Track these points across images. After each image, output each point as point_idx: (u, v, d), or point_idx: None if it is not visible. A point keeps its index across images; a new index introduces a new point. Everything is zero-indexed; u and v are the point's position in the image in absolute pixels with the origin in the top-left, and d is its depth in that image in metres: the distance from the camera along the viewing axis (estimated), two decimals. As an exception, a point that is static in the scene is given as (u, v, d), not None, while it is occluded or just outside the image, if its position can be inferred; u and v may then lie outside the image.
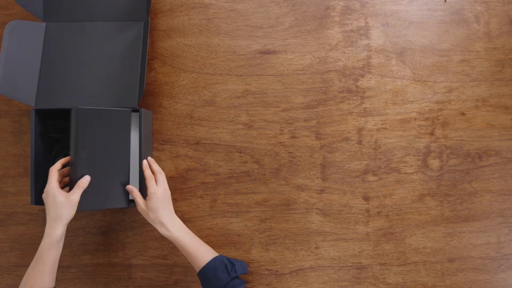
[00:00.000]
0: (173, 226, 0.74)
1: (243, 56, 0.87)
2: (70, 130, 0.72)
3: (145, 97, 0.87)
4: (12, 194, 0.87)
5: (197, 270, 0.74)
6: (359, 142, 0.87)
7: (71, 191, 0.69)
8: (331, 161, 0.87)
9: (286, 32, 0.88)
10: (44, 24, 0.82)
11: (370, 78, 0.87)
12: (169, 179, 0.86)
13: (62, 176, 0.73)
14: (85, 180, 0.70)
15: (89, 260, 0.86)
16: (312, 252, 0.87)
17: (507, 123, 0.88)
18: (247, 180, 0.87)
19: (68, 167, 0.73)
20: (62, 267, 0.86)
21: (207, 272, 0.72)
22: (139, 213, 0.86)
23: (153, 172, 0.77)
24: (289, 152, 0.87)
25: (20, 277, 0.86)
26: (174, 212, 0.77)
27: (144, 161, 0.76)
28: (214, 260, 0.74)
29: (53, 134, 0.83)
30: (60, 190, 0.69)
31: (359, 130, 0.87)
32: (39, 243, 0.86)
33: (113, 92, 0.79)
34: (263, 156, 0.87)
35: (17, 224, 0.87)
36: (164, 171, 0.86)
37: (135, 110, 0.81)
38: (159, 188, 0.75)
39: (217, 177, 0.87)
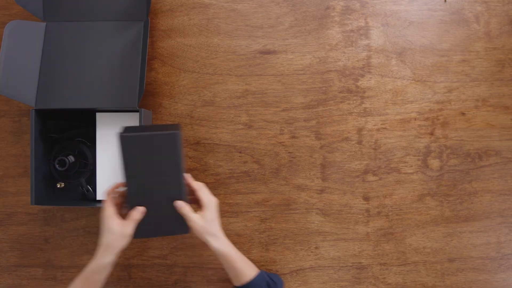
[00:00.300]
0: (224, 238, 0.71)
1: (243, 56, 0.87)
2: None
3: (145, 97, 0.87)
4: (12, 194, 0.87)
5: (237, 284, 0.72)
6: (359, 142, 0.87)
7: (125, 223, 0.65)
8: (331, 161, 0.87)
9: (286, 32, 0.88)
10: (44, 24, 0.82)
11: (370, 78, 0.87)
12: (169, 179, 0.87)
13: (120, 198, 0.69)
14: (138, 213, 0.66)
15: (89, 260, 0.86)
16: (312, 252, 0.87)
17: (507, 123, 0.88)
18: (247, 180, 0.87)
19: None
20: (62, 267, 0.87)
21: None
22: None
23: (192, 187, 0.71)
24: (289, 152, 0.87)
25: (20, 277, 0.86)
26: None
27: (187, 174, 0.70)
28: (258, 277, 0.72)
29: (53, 134, 0.83)
30: (115, 219, 0.65)
31: (359, 130, 0.87)
32: (39, 243, 0.86)
33: (113, 92, 0.79)
34: (263, 156, 0.87)
35: (17, 224, 0.87)
36: (164, 171, 0.86)
37: (135, 110, 0.81)
38: (212, 198, 0.70)
39: (217, 177, 0.87)
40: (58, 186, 0.83)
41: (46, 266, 0.86)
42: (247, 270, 0.72)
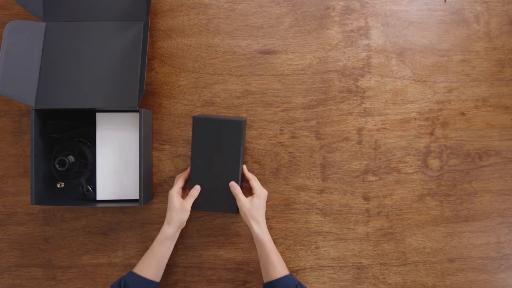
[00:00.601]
0: (265, 228, 0.78)
1: (243, 56, 0.87)
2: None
3: (145, 97, 0.87)
4: (12, 194, 0.87)
5: (266, 279, 0.75)
6: (359, 142, 0.87)
7: (184, 199, 0.77)
8: (331, 161, 0.87)
9: (286, 32, 0.88)
10: (44, 24, 0.82)
11: (370, 78, 0.87)
12: (169, 179, 0.87)
13: (185, 182, 0.80)
14: (196, 190, 0.78)
15: (89, 260, 0.86)
16: (312, 252, 0.87)
17: (507, 123, 0.88)
18: (247, 180, 0.87)
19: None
20: (62, 267, 0.87)
21: (278, 287, 0.73)
22: (139, 213, 0.86)
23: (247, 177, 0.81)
24: (289, 152, 0.87)
25: (20, 277, 0.86)
26: None
27: (243, 165, 0.81)
28: (287, 277, 0.74)
29: (53, 134, 0.83)
30: (178, 196, 0.77)
31: (359, 130, 0.87)
32: (39, 243, 0.86)
33: (113, 92, 0.79)
34: (263, 156, 0.87)
35: (17, 224, 0.87)
36: (164, 171, 0.87)
37: (135, 110, 0.81)
38: (264, 189, 0.80)
39: (217, 177, 0.87)
40: (58, 186, 0.83)
41: (46, 266, 0.86)
42: (279, 267, 0.75)
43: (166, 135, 0.87)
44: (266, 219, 0.86)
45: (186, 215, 0.76)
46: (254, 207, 0.77)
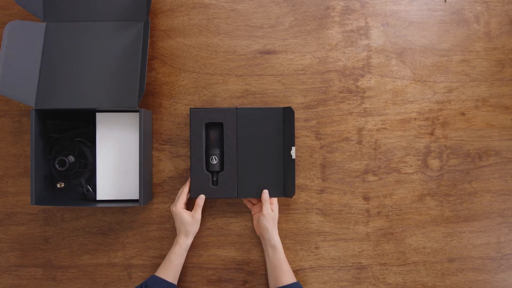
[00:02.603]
0: (277, 237, 0.82)
1: (243, 56, 0.87)
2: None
3: (145, 97, 0.87)
4: (12, 194, 0.87)
5: (275, 285, 0.79)
6: (359, 142, 0.87)
7: (193, 211, 0.80)
8: (331, 161, 0.87)
9: (286, 32, 0.88)
10: (44, 24, 0.82)
11: (370, 78, 0.87)
12: (169, 179, 0.87)
13: (187, 198, 0.83)
14: (201, 199, 0.80)
15: (89, 260, 0.86)
16: (312, 252, 0.87)
17: (507, 123, 0.88)
18: (247, 180, 0.87)
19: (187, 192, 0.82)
20: (62, 267, 0.87)
21: None
22: (139, 213, 0.86)
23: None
24: (289, 152, 0.87)
25: (20, 277, 0.86)
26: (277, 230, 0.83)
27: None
28: (295, 285, 0.78)
29: (53, 134, 0.82)
30: (185, 211, 0.80)
31: (359, 130, 0.87)
32: (39, 243, 0.86)
33: (113, 92, 0.79)
34: (263, 156, 0.87)
35: (17, 224, 0.87)
36: (164, 171, 0.87)
37: (135, 110, 0.81)
38: (272, 212, 0.82)
39: (217, 177, 0.87)
40: (58, 186, 0.83)
41: (46, 266, 0.86)
42: (289, 274, 0.79)
43: (166, 135, 0.87)
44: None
45: (199, 224, 0.81)
46: (274, 219, 0.82)
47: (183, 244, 0.80)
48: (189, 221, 0.79)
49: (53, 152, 0.82)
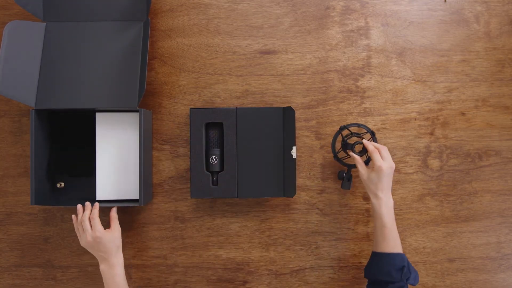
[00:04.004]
0: (386, 204, 0.75)
1: (243, 56, 0.87)
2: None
3: (145, 97, 0.87)
4: (12, 194, 0.87)
5: (376, 250, 0.76)
6: (359, 142, 0.87)
7: (113, 224, 0.78)
8: (331, 161, 0.87)
9: (286, 32, 0.88)
10: (44, 24, 0.82)
11: (370, 78, 0.87)
12: (169, 179, 0.87)
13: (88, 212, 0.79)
14: (114, 212, 0.79)
15: (89, 260, 0.86)
16: (312, 252, 0.87)
17: (507, 123, 0.88)
18: (247, 180, 0.87)
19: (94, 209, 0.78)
20: (62, 267, 0.87)
21: (384, 262, 0.73)
22: (139, 213, 0.86)
23: (376, 148, 0.77)
24: (289, 152, 0.87)
25: (20, 277, 0.86)
26: (390, 189, 0.77)
27: (364, 140, 0.79)
28: (397, 255, 0.73)
29: (54, 135, 0.82)
30: (103, 230, 0.76)
31: (359, 130, 0.87)
32: (39, 243, 0.86)
33: (113, 92, 0.79)
34: (263, 156, 0.87)
35: (17, 224, 0.87)
36: (164, 171, 0.86)
37: (135, 110, 0.81)
38: (385, 163, 0.75)
39: (217, 177, 0.87)
40: (58, 186, 0.83)
41: (46, 266, 0.86)
42: (393, 243, 0.74)
43: (166, 135, 0.87)
44: (266, 219, 0.86)
45: (120, 233, 0.79)
46: (371, 181, 0.75)
47: (121, 261, 0.77)
48: (116, 235, 0.77)
49: (53, 152, 0.82)
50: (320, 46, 0.88)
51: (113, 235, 0.77)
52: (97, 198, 0.83)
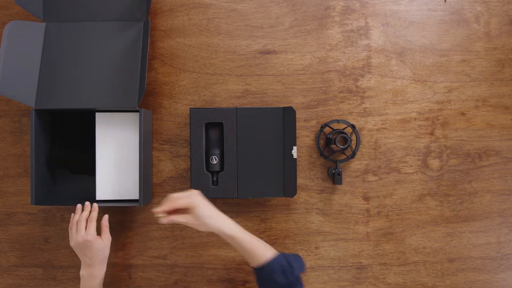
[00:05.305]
0: (223, 220, 0.69)
1: (243, 56, 0.87)
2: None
3: (145, 97, 0.87)
4: (12, 194, 0.87)
5: (252, 265, 0.69)
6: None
7: (103, 233, 0.77)
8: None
9: (286, 32, 0.88)
10: (44, 24, 0.82)
11: (370, 78, 0.87)
12: (169, 179, 0.86)
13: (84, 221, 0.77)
14: (106, 221, 0.78)
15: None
16: (312, 252, 0.87)
17: (507, 123, 0.88)
18: (247, 180, 0.87)
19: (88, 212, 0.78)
20: (62, 267, 0.87)
21: (265, 274, 0.68)
22: (139, 213, 0.86)
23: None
24: (289, 152, 0.87)
25: (20, 277, 0.86)
26: (214, 208, 0.70)
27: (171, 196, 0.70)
28: (272, 261, 0.68)
29: (54, 135, 0.82)
30: (98, 238, 0.76)
31: (359, 130, 0.87)
32: (39, 243, 0.86)
33: (113, 92, 0.79)
34: (263, 156, 0.87)
35: (17, 224, 0.87)
36: (164, 171, 0.87)
37: (135, 110, 0.81)
38: (189, 193, 0.69)
39: (217, 177, 0.87)
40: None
41: (46, 266, 0.86)
42: (261, 252, 0.68)
43: (166, 135, 0.87)
44: (266, 219, 0.86)
45: (109, 243, 0.78)
46: (200, 218, 0.67)
47: (102, 273, 0.76)
48: (106, 244, 0.77)
49: (53, 153, 0.82)
50: (320, 46, 0.88)
51: (104, 244, 0.76)
52: (97, 198, 0.83)
